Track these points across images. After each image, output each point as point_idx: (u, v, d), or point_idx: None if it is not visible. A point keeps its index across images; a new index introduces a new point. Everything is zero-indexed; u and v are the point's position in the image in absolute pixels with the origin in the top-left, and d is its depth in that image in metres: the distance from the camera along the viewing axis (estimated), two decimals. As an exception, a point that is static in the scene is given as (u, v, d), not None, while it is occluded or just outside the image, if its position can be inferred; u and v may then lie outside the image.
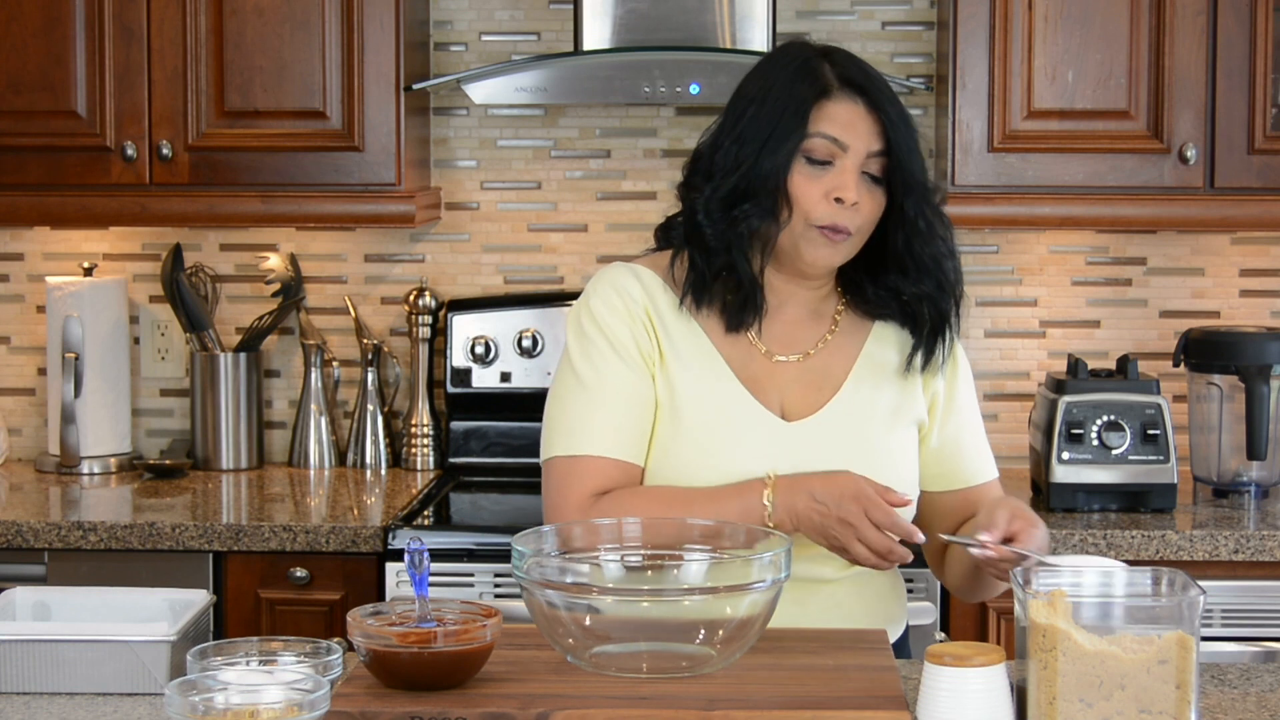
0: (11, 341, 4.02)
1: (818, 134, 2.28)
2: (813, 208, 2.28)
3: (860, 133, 2.29)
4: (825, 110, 2.29)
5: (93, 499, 3.62)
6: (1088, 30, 3.52)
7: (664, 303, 2.36)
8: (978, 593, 2.45)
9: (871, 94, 2.30)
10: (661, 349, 2.34)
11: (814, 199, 2.28)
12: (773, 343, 2.38)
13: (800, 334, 2.40)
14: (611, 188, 3.95)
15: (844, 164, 2.28)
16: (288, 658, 1.99)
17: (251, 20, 3.58)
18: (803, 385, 2.37)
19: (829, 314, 2.42)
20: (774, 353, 2.38)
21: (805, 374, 2.38)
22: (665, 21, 3.62)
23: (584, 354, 2.34)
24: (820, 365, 2.39)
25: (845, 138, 2.28)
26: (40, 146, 3.61)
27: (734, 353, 2.36)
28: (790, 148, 2.28)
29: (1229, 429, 3.55)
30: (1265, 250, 3.88)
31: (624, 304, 2.34)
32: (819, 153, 2.29)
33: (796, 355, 2.38)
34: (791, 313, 2.40)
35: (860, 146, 2.29)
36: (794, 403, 2.35)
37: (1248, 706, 2.11)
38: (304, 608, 3.32)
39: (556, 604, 2.01)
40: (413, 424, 3.89)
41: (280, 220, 3.70)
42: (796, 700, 1.94)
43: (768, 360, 2.37)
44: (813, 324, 2.41)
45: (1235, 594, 3.25)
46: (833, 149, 2.28)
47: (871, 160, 2.30)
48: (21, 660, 2.13)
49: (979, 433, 2.47)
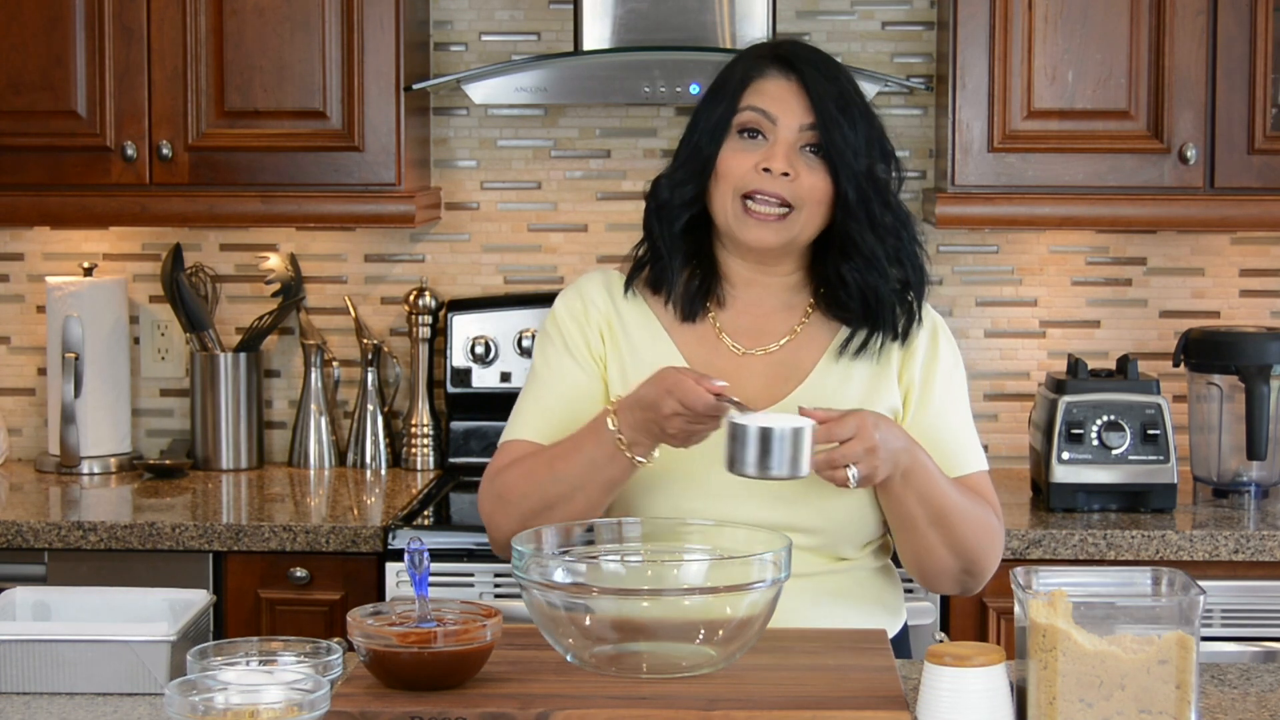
0: (11, 341, 4.02)
1: (747, 107, 2.34)
2: (740, 177, 2.32)
3: (791, 107, 2.33)
4: (757, 85, 2.35)
5: (93, 499, 3.62)
6: (1088, 30, 3.52)
7: (627, 307, 2.43)
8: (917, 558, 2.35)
9: (805, 71, 2.33)
10: (621, 352, 2.39)
11: (743, 168, 2.33)
12: (741, 336, 2.40)
13: (770, 326, 2.41)
14: (611, 188, 3.95)
15: (776, 136, 2.33)
16: (288, 658, 1.99)
17: (251, 20, 3.58)
18: (768, 377, 2.38)
19: (801, 306, 2.43)
20: (741, 347, 2.39)
21: (772, 367, 2.39)
22: (665, 21, 3.62)
23: (540, 350, 2.45)
24: (789, 358, 2.39)
25: (774, 109, 2.33)
26: (40, 146, 3.61)
27: (698, 350, 2.39)
28: (722, 120, 2.34)
29: (1229, 429, 3.55)
30: (1265, 250, 3.88)
31: (583, 307, 2.43)
32: (750, 124, 2.34)
33: (763, 349, 2.40)
34: (762, 305, 2.41)
35: (791, 120, 2.33)
36: (757, 394, 2.35)
37: (1248, 706, 2.11)
38: (304, 608, 3.32)
39: (556, 604, 2.01)
40: (413, 424, 3.89)
41: (280, 220, 3.70)
42: (796, 700, 1.94)
43: (734, 355, 2.39)
44: (783, 316, 2.42)
45: (1235, 594, 3.25)
46: (762, 120, 2.33)
47: (807, 133, 2.33)
48: (21, 660, 2.13)
49: (962, 425, 2.41)
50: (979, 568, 2.36)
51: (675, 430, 2.19)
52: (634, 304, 2.43)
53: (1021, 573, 1.97)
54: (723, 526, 2.19)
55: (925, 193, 3.84)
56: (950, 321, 3.89)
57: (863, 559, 2.40)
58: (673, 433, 2.20)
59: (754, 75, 2.35)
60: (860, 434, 2.16)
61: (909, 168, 3.89)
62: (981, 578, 2.38)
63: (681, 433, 2.20)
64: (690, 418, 2.17)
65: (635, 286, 2.43)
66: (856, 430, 2.16)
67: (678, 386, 2.16)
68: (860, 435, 2.16)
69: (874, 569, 2.42)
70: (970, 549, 2.33)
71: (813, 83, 2.33)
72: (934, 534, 2.30)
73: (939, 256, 3.90)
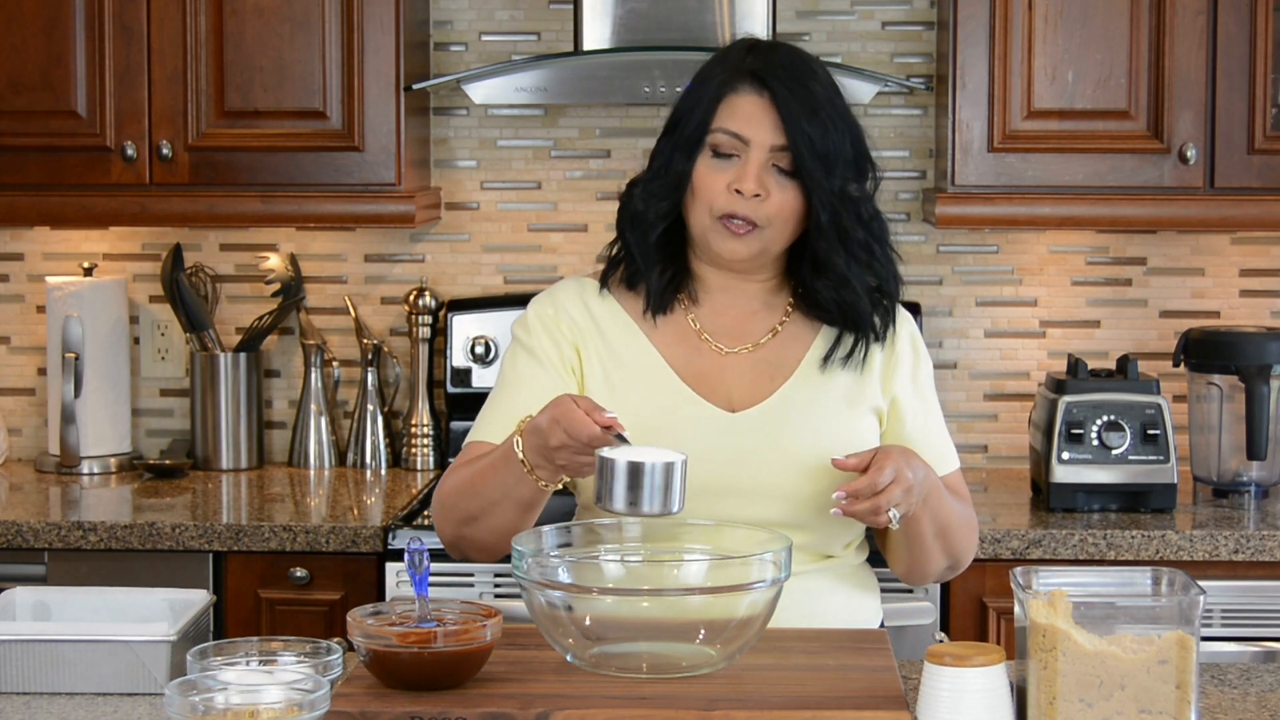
0: (11, 341, 4.02)
1: (720, 129, 2.33)
2: (715, 198, 2.32)
3: (763, 126, 2.32)
4: (730, 104, 2.34)
5: (93, 499, 3.62)
6: (1088, 30, 3.52)
7: (602, 312, 2.42)
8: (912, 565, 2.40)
9: (775, 89, 2.32)
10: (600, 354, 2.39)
11: (716, 190, 2.33)
12: (721, 336, 2.41)
13: (751, 325, 2.42)
14: (611, 188, 3.95)
15: (747, 156, 2.32)
16: (288, 658, 1.99)
17: (251, 20, 3.58)
18: (753, 376, 2.39)
19: (781, 305, 2.44)
20: (724, 346, 2.40)
21: (756, 365, 2.40)
22: (665, 21, 3.62)
23: (510, 355, 2.44)
24: (772, 356, 2.40)
25: (746, 132, 2.32)
26: (40, 146, 3.61)
27: (679, 351, 2.39)
28: (696, 138, 2.34)
29: (1229, 429, 3.55)
30: (1265, 250, 3.88)
31: (554, 313, 2.43)
32: (723, 147, 2.33)
33: (745, 347, 2.40)
34: (740, 305, 2.42)
35: (763, 140, 2.32)
36: (743, 393, 2.37)
37: (1248, 706, 2.11)
38: (304, 608, 3.32)
39: (556, 604, 2.01)
40: (413, 424, 3.89)
41: (280, 220, 3.70)
42: (796, 700, 1.94)
43: (717, 355, 2.39)
44: (764, 315, 2.43)
45: (1235, 594, 3.25)
46: (734, 143, 2.33)
47: (778, 154, 2.32)
48: (21, 660, 2.13)
49: (940, 427, 2.47)
50: (963, 563, 2.46)
51: (564, 461, 2.17)
52: (608, 304, 2.43)
53: (1021, 573, 1.97)
54: (722, 526, 2.19)
55: (925, 193, 3.84)
56: (950, 321, 3.90)
57: (847, 556, 2.43)
58: (562, 463, 2.18)
59: (726, 91, 2.34)
60: (898, 477, 2.19)
61: (909, 168, 3.89)
62: (962, 570, 2.47)
63: (571, 463, 2.17)
64: (576, 448, 2.14)
65: (610, 286, 2.44)
66: (895, 475, 2.19)
67: (565, 416, 2.14)
68: (899, 478, 2.19)
69: (855, 565, 2.45)
70: (962, 550, 2.42)
71: (784, 102, 2.31)
72: (937, 544, 2.36)
73: (939, 256, 3.90)
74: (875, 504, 2.18)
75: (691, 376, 2.37)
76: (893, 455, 2.21)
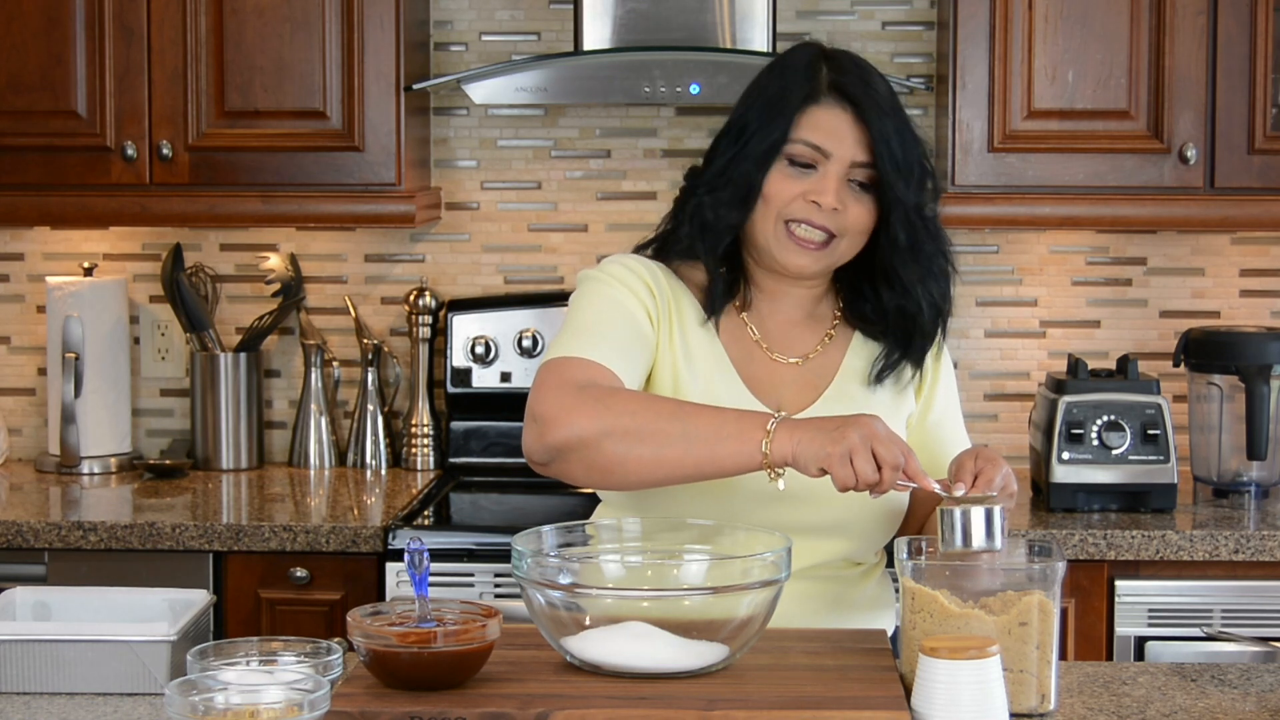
0: (11, 341, 4.02)
1: (800, 140, 2.30)
2: (787, 203, 2.30)
3: (845, 141, 2.30)
4: (812, 115, 2.31)
5: (93, 499, 3.62)
6: (1088, 30, 3.52)
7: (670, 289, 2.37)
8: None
9: (863, 104, 2.30)
10: (678, 336, 2.34)
11: (789, 195, 2.30)
12: (774, 342, 2.40)
13: (800, 335, 2.42)
14: (611, 188, 3.95)
15: (826, 169, 2.30)
16: (288, 658, 1.99)
17: (251, 20, 3.58)
18: (799, 385, 2.39)
19: (827, 316, 2.44)
20: (778, 354, 2.39)
21: (803, 375, 2.40)
22: (665, 21, 3.62)
23: (595, 292, 2.32)
24: (818, 366, 2.41)
25: (828, 145, 2.30)
26: (40, 146, 3.61)
27: (737, 353, 2.38)
28: (772, 148, 2.30)
29: (1229, 429, 3.55)
30: (1265, 250, 3.88)
31: (641, 279, 2.34)
32: (802, 157, 2.30)
33: (797, 358, 2.40)
34: (788, 311, 2.41)
35: (844, 155, 2.30)
36: (791, 400, 2.37)
37: (1248, 706, 2.11)
38: (304, 608, 3.32)
39: (556, 604, 2.01)
40: (413, 424, 3.89)
41: (280, 220, 3.70)
42: (796, 700, 1.94)
43: (769, 360, 2.39)
44: (811, 326, 2.43)
45: (1235, 594, 3.25)
46: (815, 155, 2.30)
47: (857, 169, 2.30)
48: (21, 660, 2.13)
49: (959, 423, 2.49)
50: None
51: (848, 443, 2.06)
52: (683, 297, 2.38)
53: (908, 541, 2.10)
54: (722, 526, 2.19)
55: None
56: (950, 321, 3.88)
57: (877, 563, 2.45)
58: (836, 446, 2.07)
59: (808, 103, 2.31)
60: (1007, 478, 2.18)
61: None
62: None
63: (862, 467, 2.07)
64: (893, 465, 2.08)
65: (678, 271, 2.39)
66: (1006, 474, 2.18)
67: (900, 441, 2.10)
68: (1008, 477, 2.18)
69: (881, 574, 2.46)
70: None
71: (872, 119, 2.28)
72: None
73: (939, 256, 3.90)
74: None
75: (748, 377, 2.36)
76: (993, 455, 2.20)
